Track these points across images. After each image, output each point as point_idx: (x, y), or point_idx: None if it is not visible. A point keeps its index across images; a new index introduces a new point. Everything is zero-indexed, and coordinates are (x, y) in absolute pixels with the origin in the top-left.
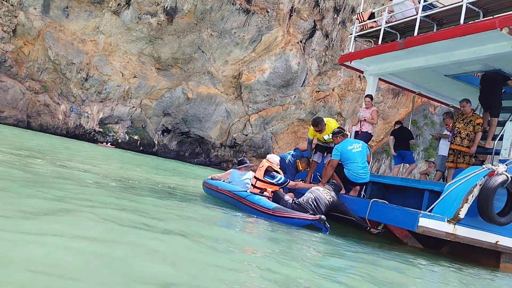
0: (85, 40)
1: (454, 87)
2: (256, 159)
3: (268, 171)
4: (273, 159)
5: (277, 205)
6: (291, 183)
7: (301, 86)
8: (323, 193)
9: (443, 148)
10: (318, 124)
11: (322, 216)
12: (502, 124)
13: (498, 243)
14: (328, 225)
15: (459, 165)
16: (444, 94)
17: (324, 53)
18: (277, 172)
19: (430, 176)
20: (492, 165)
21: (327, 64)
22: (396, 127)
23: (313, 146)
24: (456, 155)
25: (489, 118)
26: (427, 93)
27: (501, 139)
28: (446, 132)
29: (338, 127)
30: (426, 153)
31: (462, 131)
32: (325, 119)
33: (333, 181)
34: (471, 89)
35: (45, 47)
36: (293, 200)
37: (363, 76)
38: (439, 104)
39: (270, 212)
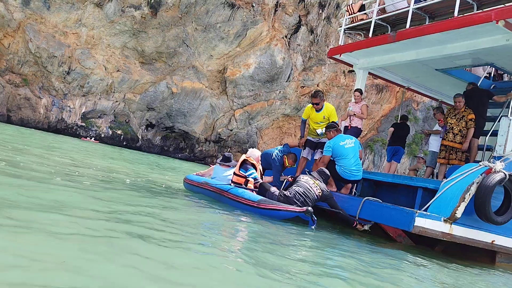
0: (67, 33)
1: (444, 81)
2: (241, 155)
3: (243, 164)
4: (252, 153)
5: (262, 197)
6: (261, 182)
7: (286, 81)
8: (312, 186)
9: (434, 143)
10: (317, 95)
11: (309, 208)
12: (493, 119)
13: (494, 242)
14: (315, 218)
15: (451, 162)
16: (434, 89)
17: (309, 49)
18: (252, 166)
19: (419, 172)
20: (488, 162)
21: (312, 60)
22: (399, 121)
23: (305, 134)
24: (448, 151)
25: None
26: (416, 87)
27: (492, 135)
28: (437, 127)
29: (332, 122)
30: (409, 148)
31: (454, 127)
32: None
33: (321, 168)
34: (461, 83)
35: (26, 39)
36: (279, 192)
37: (348, 72)
38: (423, 100)
39: (255, 205)
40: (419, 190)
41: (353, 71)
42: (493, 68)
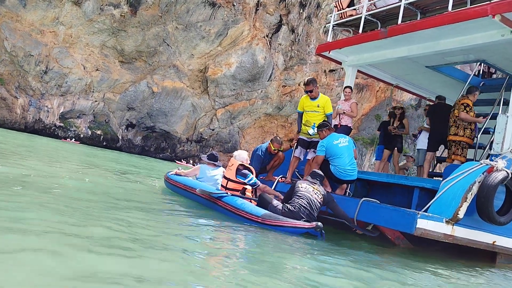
0: (44, 31)
1: (433, 79)
2: (223, 154)
3: (239, 170)
4: (241, 156)
5: (266, 211)
6: (261, 185)
7: (268, 81)
8: (313, 195)
9: (424, 142)
10: (310, 82)
11: (319, 223)
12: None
13: (495, 243)
14: (324, 232)
15: (462, 159)
16: (422, 87)
17: (290, 48)
18: (248, 169)
19: (408, 171)
20: (489, 160)
21: (293, 59)
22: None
23: (298, 136)
24: (463, 148)
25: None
26: (405, 85)
27: (484, 132)
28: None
29: (323, 121)
30: None
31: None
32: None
33: (314, 170)
34: (450, 81)
35: (1, 38)
36: (283, 205)
37: (329, 71)
38: (402, 98)
39: (259, 220)
40: (416, 190)
41: (334, 70)
42: (482, 65)
